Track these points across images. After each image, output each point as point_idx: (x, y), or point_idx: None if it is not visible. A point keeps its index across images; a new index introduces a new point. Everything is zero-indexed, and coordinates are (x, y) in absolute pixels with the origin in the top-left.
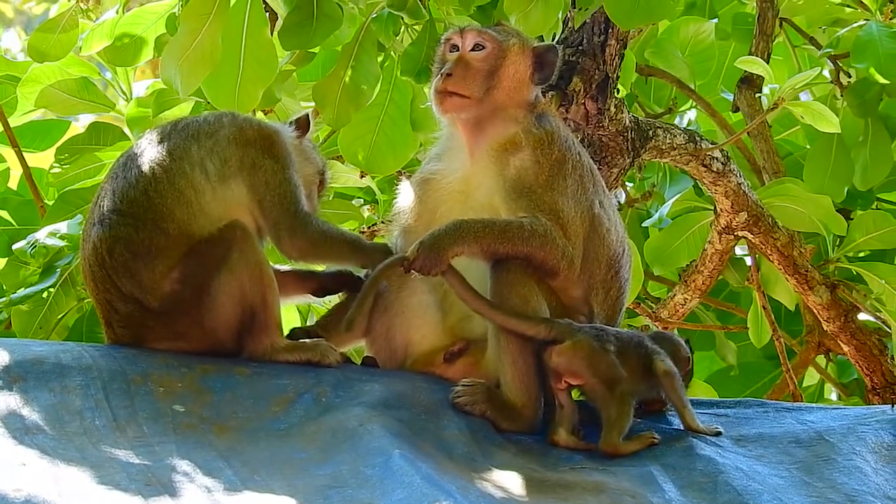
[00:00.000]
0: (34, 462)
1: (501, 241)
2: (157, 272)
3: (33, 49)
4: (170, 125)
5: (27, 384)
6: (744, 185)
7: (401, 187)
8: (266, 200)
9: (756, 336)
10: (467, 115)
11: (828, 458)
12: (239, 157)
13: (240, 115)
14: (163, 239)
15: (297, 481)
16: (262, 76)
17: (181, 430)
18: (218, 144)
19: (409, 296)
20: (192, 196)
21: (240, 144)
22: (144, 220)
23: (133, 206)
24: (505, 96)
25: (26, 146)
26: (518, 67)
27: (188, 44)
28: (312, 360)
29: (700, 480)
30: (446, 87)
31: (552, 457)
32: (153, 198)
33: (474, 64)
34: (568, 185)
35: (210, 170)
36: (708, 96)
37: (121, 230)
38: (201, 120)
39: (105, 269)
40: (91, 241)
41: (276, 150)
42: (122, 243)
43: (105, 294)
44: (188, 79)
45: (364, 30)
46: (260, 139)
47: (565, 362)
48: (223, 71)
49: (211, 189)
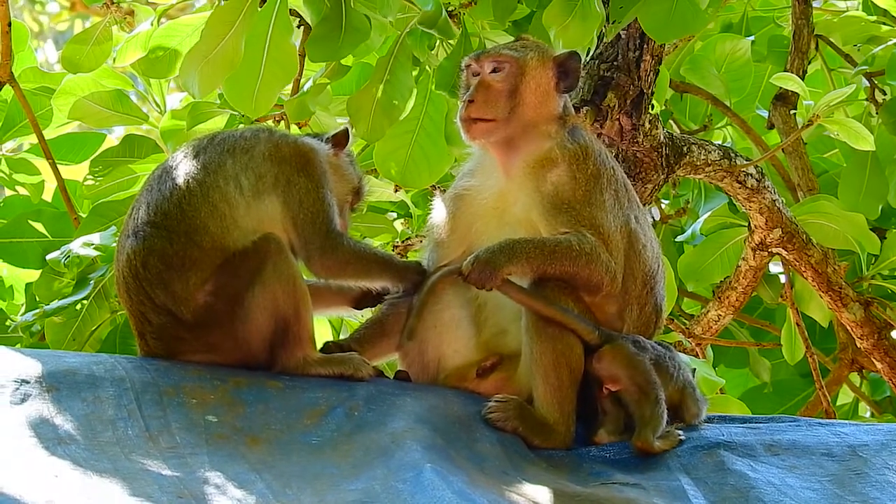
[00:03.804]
0: (66, 473)
1: (551, 262)
2: (190, 284)
3: (67, 61)
4: (206, 139)
5: (60, 394)
6: (778, 202)
7: (434, 203)
8: (299, 219)
9: (790, 353)
10: (496, 138)
11: (860, 472)
12: (274, 174)
13: (276, 132)
14: (196, 251)
15: (329, 496)
16: (280, 79)
17: (213, 440)
18: (253, 160)
19: (442, 310)
20: (225, 210)
21: (275, 161)
22: (178, 233)
23: (167, 218)
24: (532, 111)
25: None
26: (540, 80)
27: (210, 49)
28: (345, 373)
29: (731, 496)
30: (469, 114)
31: (583, 472)
32: (187, 211)
33: (495, 86)
34: (605, 199)
35: (244, 185)
36: (743, 114)
37: (155, 242)
38: (237, 135)
39: (139, 280)
40: (125, 252)
41: (310, 169)
42: (155, 255)
43: (139, 306)
44: (206, 82)
45: (399, 44)
46: (295, 157)
47: (605, 366)
48: (243, 73)
49: (245, 203)
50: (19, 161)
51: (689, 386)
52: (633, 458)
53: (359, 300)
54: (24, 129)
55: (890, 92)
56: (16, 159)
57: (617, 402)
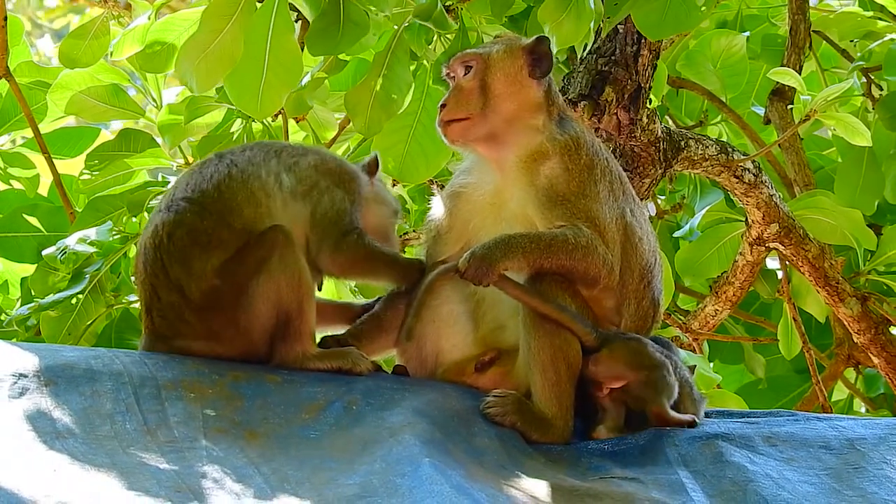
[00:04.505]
0: (65, 468)
1: (547, 256)
2: (209, 263)
3: (64, 55)
4: (256, 143)
5: (58, 388)
6: (775, 197)
7: (433, 200)
8: (325, 218)
9: (786, 348)
10: (475, 135)
11: (858, 466)
12: (314, 181)
13: (326, 150)
14: (226, 232)
15: (327, 491)
16: (286, 81)
17: (212, 434)
18: (298, 165)
19: (440, 305)
20: (262, 198)
21: (319, 171)
22: (211, 211)
23: (203, 196)
24: (507, 103)
25: (56, 153)
26: (509, 70)
27: (207, 43)
28: (343, 368)
29: (730, 489)
30: (443, 118)
31: (581, 466)
32: (224, 192)
33: (465, 85)
34: (599, 190)
35: (285, 182)
36: (739, 109)
37: (186, 216)
38: (288, 144)
39: (160, 251)
40: (153, 224)
41: (350, 186)
42: (184, 228)
43: (152, 278)
44: (204, 78)
45: (396, 38)
46: (339, 172)
47: (604, 370)
48: (246, 73)
49: (282, 198)
50: (14, 155)
51: (687, 385)
52: (631, 452)
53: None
54: (20, 123)
55: (887, 87)
56: (11, 153)
57: (617, 400)
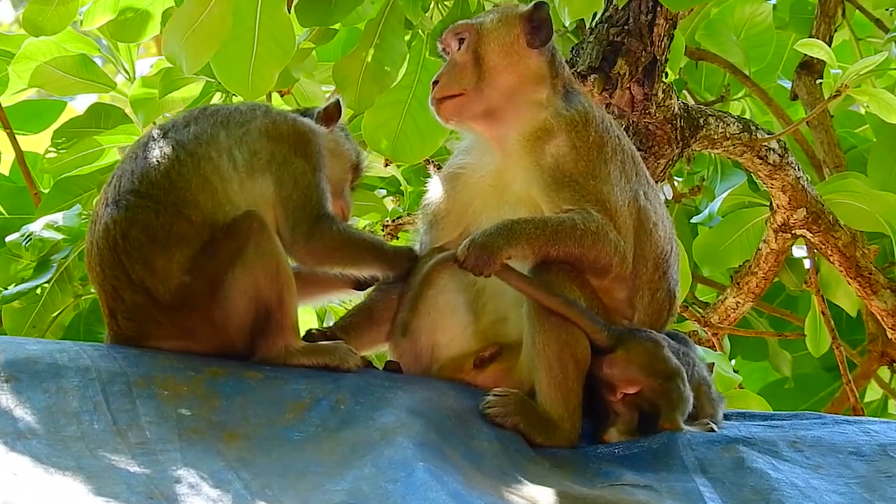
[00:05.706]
0: (26, 471)
1: (554, 243)
2: (173, 261)
3: (28, 22)
4: (197, 110)
5: (20, 384)
6: (802, 180)
7: (430, 182)
8: (291, 200)
9: (814, 344)
10: (471, 112)
11: (891, 474)
12: (269, 152)
13: (273, 109)
14: (185, 226)
15: (313, 497)
16: (278, 56)
17: (187, 435)
18: (248, 135)
19: (437, 294)
20: (217, 183)
21: (272, 138)
22: (165, 204)
23: (154, 188)
24: (504, 75)
25: (19, 128)
26: (504, 40)
27: (195, 17)
28: (330, 364)
29: (751, 498)
30: (435, 95)
31: (589, 472)
32: (176, 181)
33: (458, 59)
34: (610, 170)
35: (238, 159)
36: (764, 84)
37: (139, 212)
38: (232, 108)
39: (116, 252)
40: (103, 222)
41: (308, 150)
42: (139, 226)
43: (112, 280)
44: (194, 56)
45: (390, 5)
46: (293, 136)
47: (621, 373)
48: (235, 50)
49: (238, 179)
50: None
51: (705, 384)
52: (644, 456)
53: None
54: None
55: None
56: None
57: (630, 404)
